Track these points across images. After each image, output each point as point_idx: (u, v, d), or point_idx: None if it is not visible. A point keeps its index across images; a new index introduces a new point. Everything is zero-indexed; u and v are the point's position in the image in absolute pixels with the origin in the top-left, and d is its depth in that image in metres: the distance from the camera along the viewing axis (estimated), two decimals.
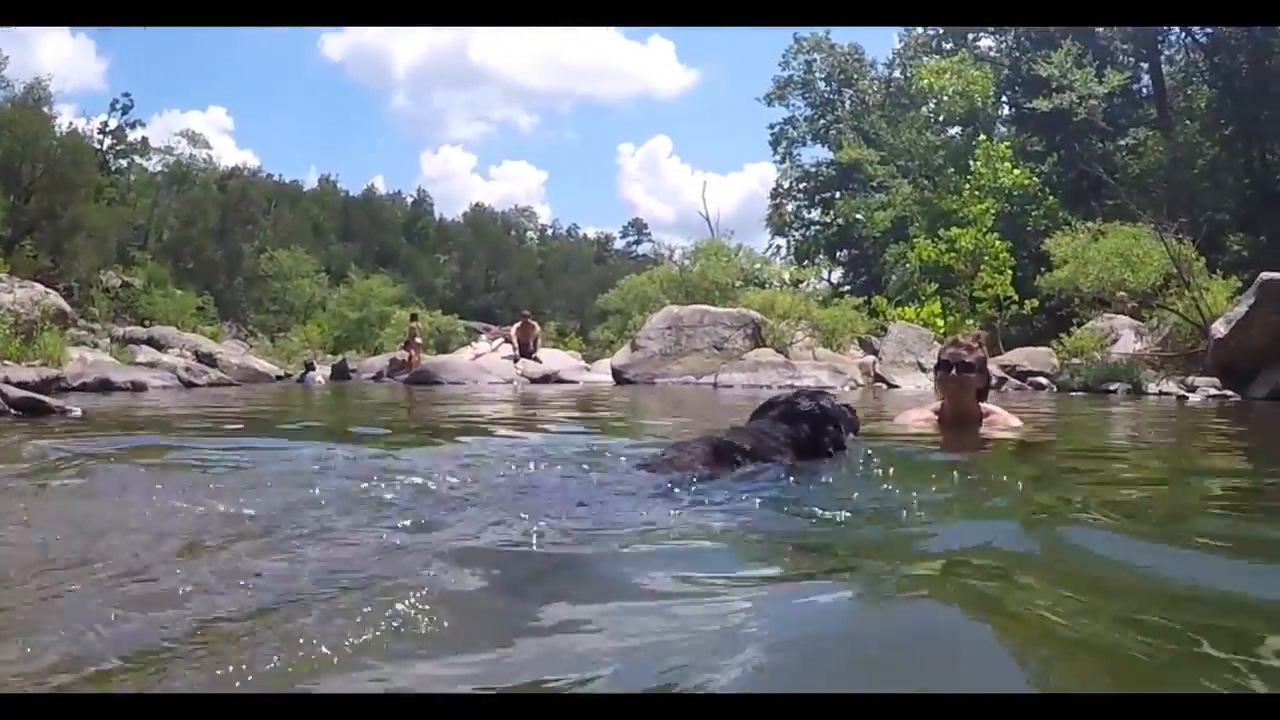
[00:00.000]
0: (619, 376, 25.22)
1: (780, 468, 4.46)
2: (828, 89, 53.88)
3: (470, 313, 65.44)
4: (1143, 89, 46.62)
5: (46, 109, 46.38)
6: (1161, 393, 20.16)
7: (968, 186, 38.08)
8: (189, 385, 19.17)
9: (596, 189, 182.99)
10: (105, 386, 15.40)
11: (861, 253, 48.13)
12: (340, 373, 29.95)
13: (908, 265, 39.33)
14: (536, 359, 28.21)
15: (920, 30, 51.05)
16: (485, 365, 26.46)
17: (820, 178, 53.48)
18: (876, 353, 28.22)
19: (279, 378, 27.85)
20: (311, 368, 29.24)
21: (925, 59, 47.77)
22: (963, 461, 5.40)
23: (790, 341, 27.33)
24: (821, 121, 53.52)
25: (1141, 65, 46.38)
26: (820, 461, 4.70)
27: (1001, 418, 6.68)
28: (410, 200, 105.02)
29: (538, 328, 30.84)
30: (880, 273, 44.16)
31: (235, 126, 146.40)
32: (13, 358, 14.45)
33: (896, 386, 23.79)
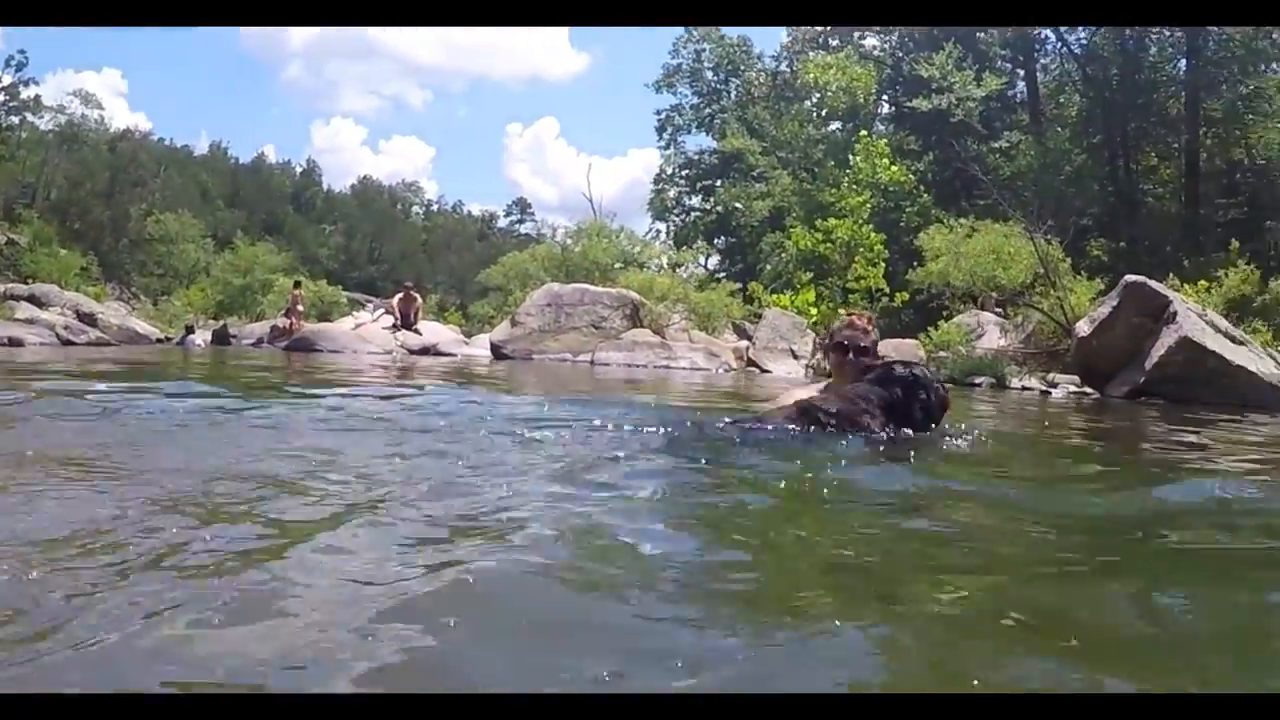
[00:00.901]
0: (497, 351, 25.23)
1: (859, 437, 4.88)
2: (715, 79, 54.55)
3: (353, 284, 64.93)
4: (1018, 94, 48.14)
5: None
6: (1024, 388, 20.73)
7: (846, 180, 38.77)
8: (67, 343, 19.11)
9: (483, 167, 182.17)
10: None
11: (739, 240, 48.91)
12: (221, 337, 29.61)
13: (784, 254, 39.93)
14: (417, 331, 28.06)
15: (809, 25, 51.56)
16: (365, 335, 26.37)
17: (703, 165, 54.34)
18: (750, 338, 28.52)
19: (159, 340, 27.75)
20: (192, 331, 29.10)
21: (812, 54, 48.43)
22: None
23: (667, 323, 27.60)
24: (707, 110, 54.15)
25: (1018, 72, 47.90)
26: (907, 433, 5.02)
27: None
28: (299, 170, 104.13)
29: (419, 300, 30.75)
30: (756, 260, 44.80)
31: (129, 89, 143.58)
32: None
33: (769, 371, 24.10)
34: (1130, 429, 10.32)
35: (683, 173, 55.68)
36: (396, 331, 27.80)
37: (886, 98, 48.62)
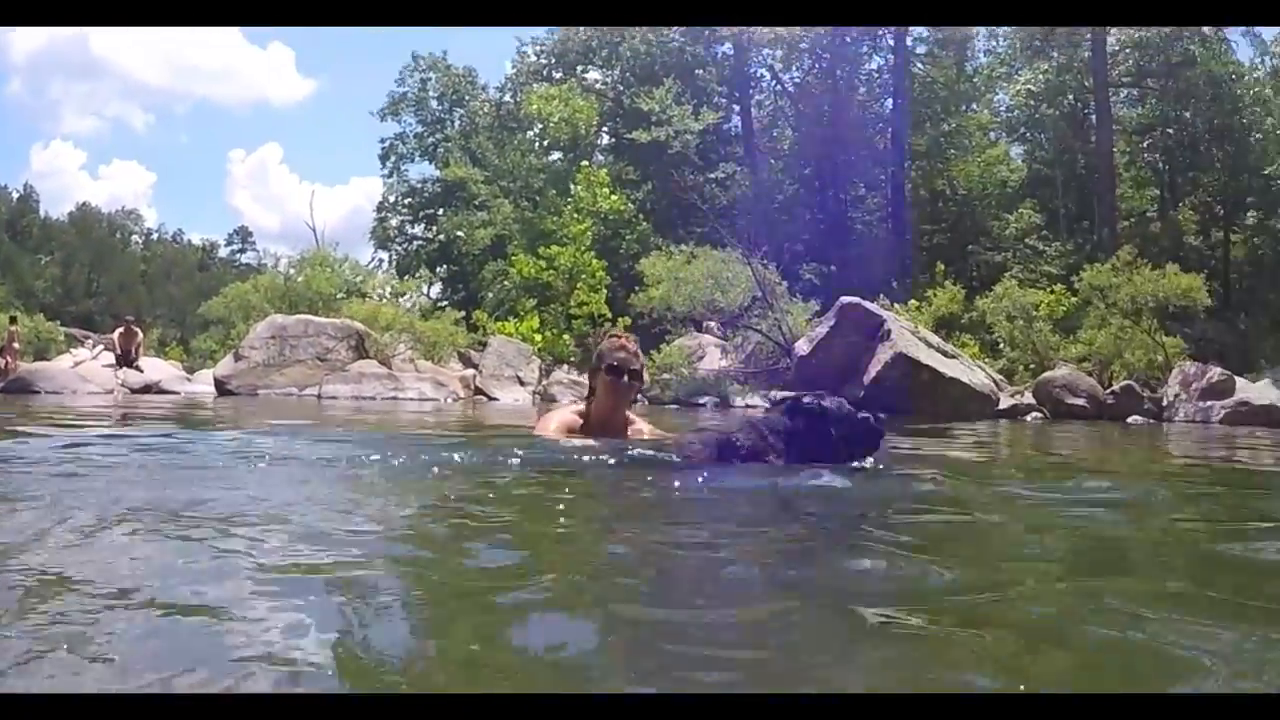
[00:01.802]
0: (221, 387, 24.12)
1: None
2: (440, 108, 53.86)
3: (71, 319, 60.54)
4: (733, 128, 49.15)
5: None
6: (748, 406, 21.20)
7: (568, 208, 38.87)
8: None
9: (204, 194, 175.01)
10: None
11: (461, 268, 48.33)
12: None
13: (507, 282, 39.64)
14: (138, 368, 26.44)
15: (534, 58, 52.19)
16: (85, 374, 24.52)
17: (425, 194, 53.37)
18: (476, 366, 28.30)
19: None
20: None
21: (535, 85, 48.49)
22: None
23: (393, 354, 27.22)
24: (431, 139, 53.47)
25: (734, 107, 49.14)
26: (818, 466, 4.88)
27: (644, 425, 6.43)
28: (16, 195, 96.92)
29: (140, 335, 28.94)
30: (479, 288, 44.28)
31: None
32: None
33: (496, 399, 24.08)
34: None
35: (405, 201, 54.61)
36: (118, 369, 26.16)
37: (607, 129, 49.00)
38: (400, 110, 53.77)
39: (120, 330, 28.30)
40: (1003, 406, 21.86)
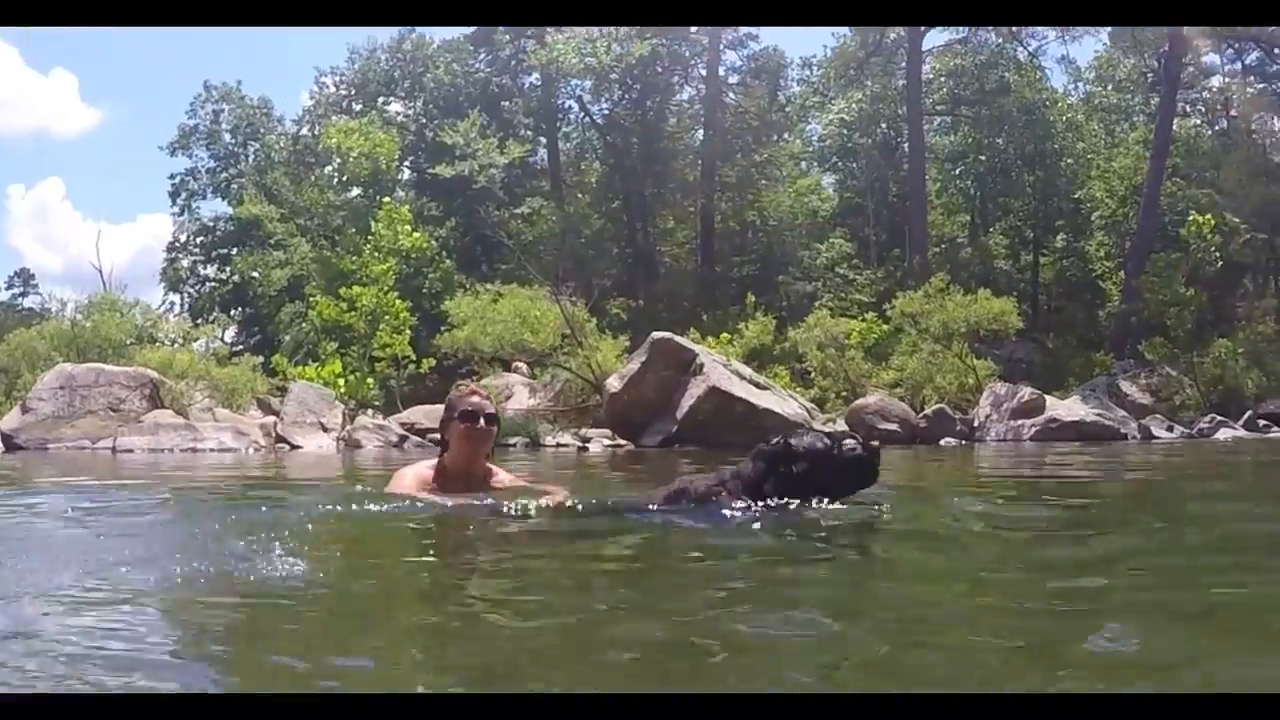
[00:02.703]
0: (9, 442, 22.62)
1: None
2: (233, 142, 51.25)
3: None
4: (539, 162, 48.93)
5: None
6: (559, 445, 21.69)
7: (368, 247, 37.60)
8: None
9: None
10: None
11: (257, 311, 46.31)
12: None
13: (305, 324, 38.25)
14: None
15: (332, 89, 50.90)
16: None
17: (218, 233, 50.54)
18: (277, 413, 26.98)
19: None
20: None
21: (334, 118, 47.05)
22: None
23: (190, 403, 25.87)
24: (224, 175, 50.82)
25: (540, 139, 48.78)
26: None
27: (506, 475, 6.22)
28: None
29: None
30: (276, 331, 42.60)
31: None
32: None
33: (299, 447, 23.13)
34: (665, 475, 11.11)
35: (197, 240, 51.65)
36: None
37: (409, 164, 47.70)
38: (191, 144, 51.13)
39: None
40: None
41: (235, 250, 48.10)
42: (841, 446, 5.18)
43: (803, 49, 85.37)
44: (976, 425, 24.60)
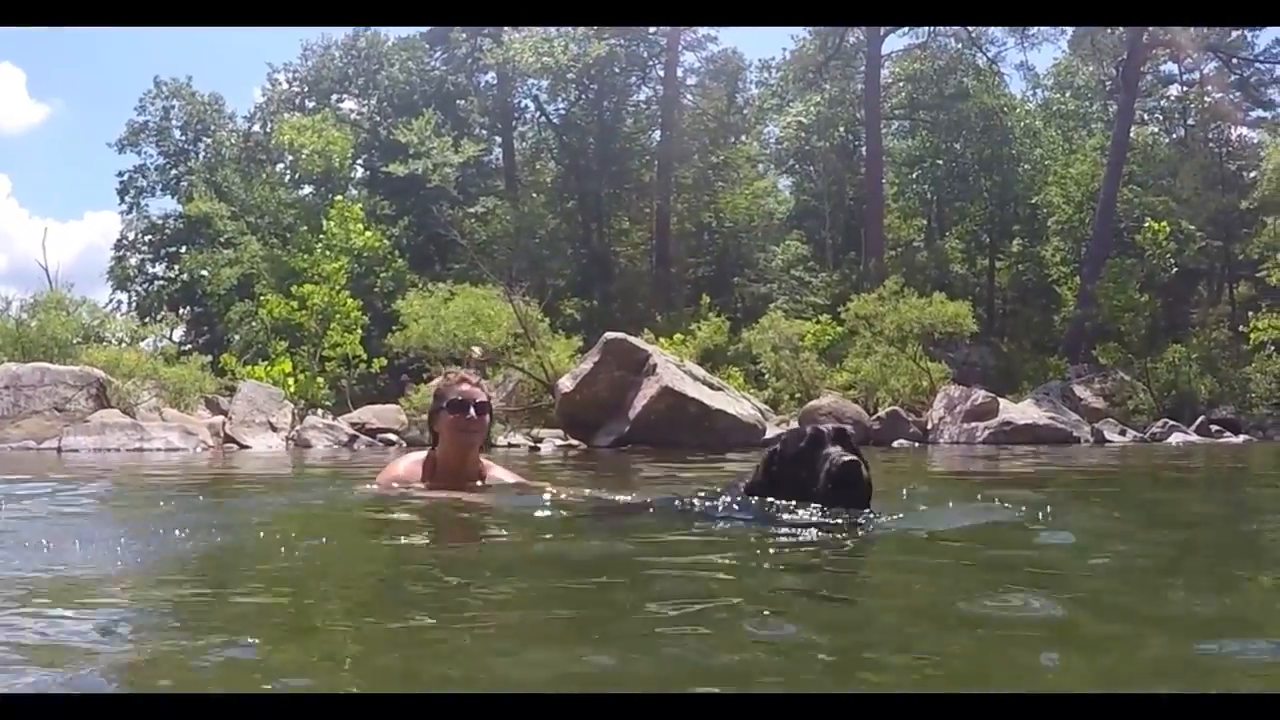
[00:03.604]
0: None
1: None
2: (184, 138, 50.48)
3: None
4: (494, 160, 48.79)
5: None
6: (511, 444, 21.67)
7: (320, 245, 37.23)
8: None
9: None
10: None
11: (206, 310, 45.76)
12: None
13: (255, 323, 37.93)
14: None
15: (285, 86, 50.44)
16: None
17: (168, 230, 49.70)
18: (226, 413, 26.69)
19: None
20: None
21: (287, 115, 46.54)
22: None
23: (137, 402, 25.45)
24: (174, 172, 50.04)
25: (495, 138, 48.67)
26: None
27: (503, 472, 5.92)
28: None
29: None
30: (225, 330, 42.17)
31: None
32: None
33: (249, 447, 22.88)
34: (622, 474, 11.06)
35: (146, 238, 50.74)
36: None
37: (362, 162, 47.29)
38: (141, 140, 50.28)
39: None
40: (769, 436, 22.03)
41: (184, 248, 47.44)
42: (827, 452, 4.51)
43: (762, 51, 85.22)
44: (930, 427, 24.81)
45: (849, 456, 4.37)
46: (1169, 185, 41.49)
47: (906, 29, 44.00)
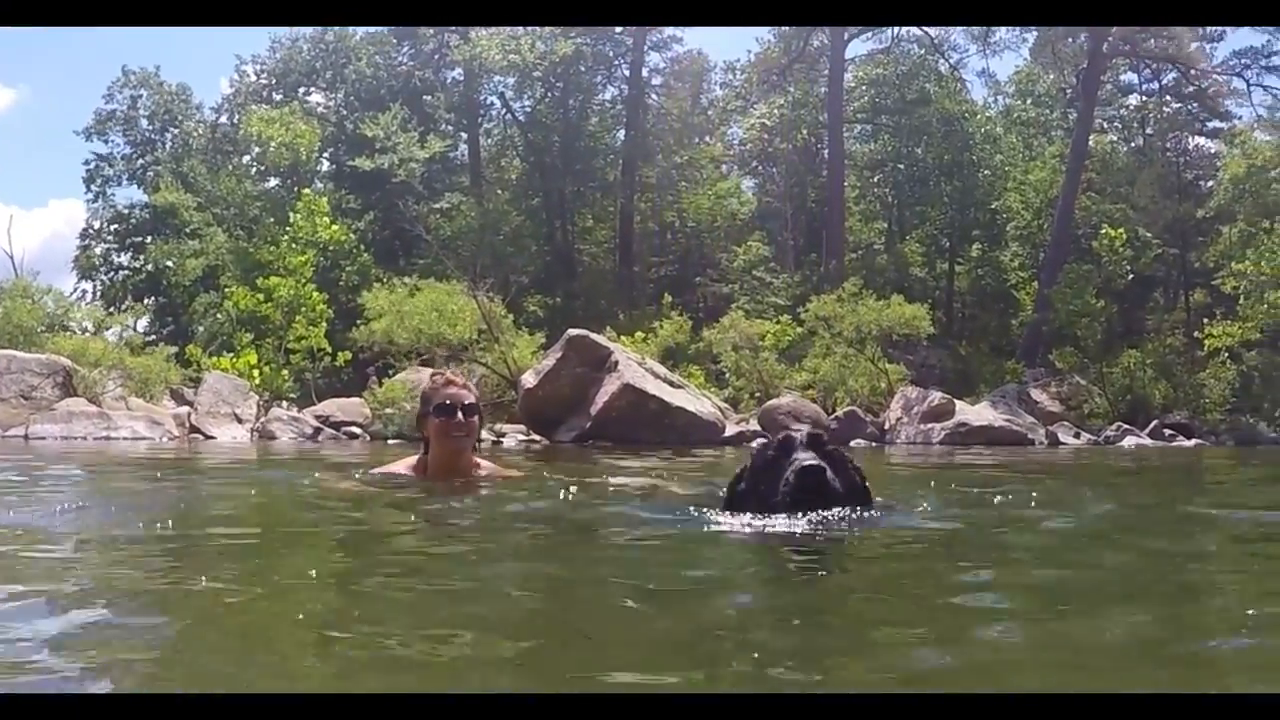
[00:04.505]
0: None
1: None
2: (151, 128, 50.26)
3: None
4: (460, 157, 48.76)
5: None
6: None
7: (286, 238, 37.19)
8: None
9: None
10: None
11: (171, 300, 45.57)
12: None
13: (220, 315, 37.84)
14: None
15: (253, 77, 50.26)
16: None
17: (133, 220, 49.56)
18: (191, 403, 27.02)
19: None
20: None
21: (255, 107, 46.26)
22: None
23: (103, 391, 25.55)
24: (140, 161, 49.83)
25: (461, 135, 48.61)
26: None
27: (495, 469, 5.78)
28: None
29: None
30: (190, 321, 42.07)
31: None
32: None
33: (213, 438, 23.02)
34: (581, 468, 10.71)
35: (112, 228, 50.54)
36: None
37: (328, 156, 47.25)
38: (108, 129, 50.08)
39: None
40: (729, 434, 22.44)
41: (150, 238, 47.23)
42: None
43: (726, 53, 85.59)
44: (887, 428, 25.08)
45: (810, 461, 4.09)
46: (1127, 193, 41.89)
47: (870, 34, 44.46)
